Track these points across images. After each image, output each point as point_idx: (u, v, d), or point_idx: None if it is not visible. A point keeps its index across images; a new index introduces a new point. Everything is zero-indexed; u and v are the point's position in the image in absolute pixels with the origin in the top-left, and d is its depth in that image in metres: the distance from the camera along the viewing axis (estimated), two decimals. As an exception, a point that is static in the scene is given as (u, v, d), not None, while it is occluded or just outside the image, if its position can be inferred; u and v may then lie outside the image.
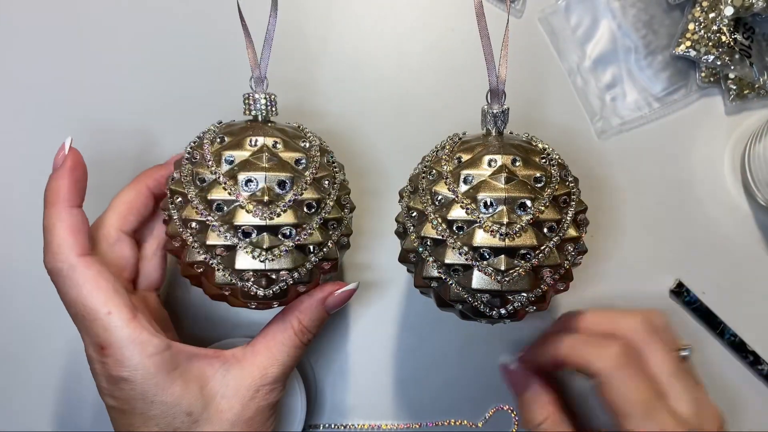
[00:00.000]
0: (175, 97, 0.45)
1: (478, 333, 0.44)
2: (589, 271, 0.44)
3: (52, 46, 0.45)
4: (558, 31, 0.45)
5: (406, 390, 0.44)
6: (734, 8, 0.42)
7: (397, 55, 0.45)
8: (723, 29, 0.42)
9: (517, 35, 0.44)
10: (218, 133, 0.34)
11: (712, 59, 0.43)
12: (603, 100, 0.45)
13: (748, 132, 0.44)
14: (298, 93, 0.44)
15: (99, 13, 0.45)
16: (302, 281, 0.33)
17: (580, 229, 0.33)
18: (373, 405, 0.44)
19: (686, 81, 0.44)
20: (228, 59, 0.44)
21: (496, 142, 0.33)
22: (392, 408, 0.44)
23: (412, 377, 0.44)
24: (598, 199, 0.44)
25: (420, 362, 0.44)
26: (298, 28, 0.44)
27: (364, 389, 0.44)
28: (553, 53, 0.45)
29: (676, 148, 0.45)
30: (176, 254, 0.34)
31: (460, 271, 0.32)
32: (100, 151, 0.44)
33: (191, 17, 0.45)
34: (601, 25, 0.45)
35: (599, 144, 0.45)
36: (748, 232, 0.44)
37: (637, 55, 0.45)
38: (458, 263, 0.32)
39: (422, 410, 0.44)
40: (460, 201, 0.32)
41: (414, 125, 0.44)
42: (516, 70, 0.43)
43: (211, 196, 0.32)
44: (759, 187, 0.42)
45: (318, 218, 0.33)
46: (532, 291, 0.32)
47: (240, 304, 0.34)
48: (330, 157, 0.35)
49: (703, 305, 0.44)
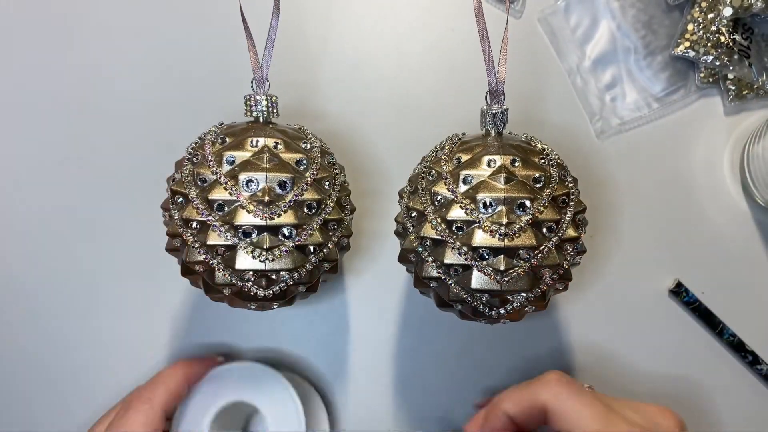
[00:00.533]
0: (176, 98, 0.45)
1: (477, 333, 0.44)
2: (589, 271, 0.44)
3: (52, 46, 0.45)
4: (557, 31, 0.45)
5: (406, 390, 0.44)
6: (733, 9, 0.42)
7: (397, 55, 0.45)
8: (722, 30, 0.42)
9: (516, 36, 0.44)
10: (219, 134, 0.34)
11: (711, 60, 0.43)
12: (602, 101, 0.45)
13: (747, 132, 0.44)
14: (298, 93, 0.44)
15: (100, 14, 0.45)
16: (302, 282, 0.33)
17: (579, 229, 0.34)
18: (372, 406, 0.44)
19: (685, 81, 0.45)
20: (229, 61, 0.44)
21: (495, 142, 0.33)
22: (391, 409, 0.44)
23: (411, 377, 0.44)
24: (598, 199, 0.44)
25: (420, 362, 0.44)
26: (299, 29, 0.45)
27: (363, 390, 0.44)
28: (552, 53, 0.45)
29: (675, 148, 0.45)
30: (176, 254, 0.34)
31: (460, 271, 0.32)
32: (101, 154, 0.44)
33: (193, 19, 0.45)
34: (600, 26, 0.45)
35: (598, 144, 0.45)
36: (747, 232, 0.44)
37: (637, 55, 0.45)
38: (458, 263, 0.32)
39: (421, 412, 0.44)
40: (459, 201, 0.32)
41: (414, 125, 0.45)
42: (515, 70, 0.43)
43: (212, 196, 0.32)
44: (758, 187, 0.43)
45: (318, 219, 0.33)
46: (532, 291, 0.32)
47: (240, 305, 0.34)
48: (331, 158, 0.35)
49: (702, 305, 0.44)
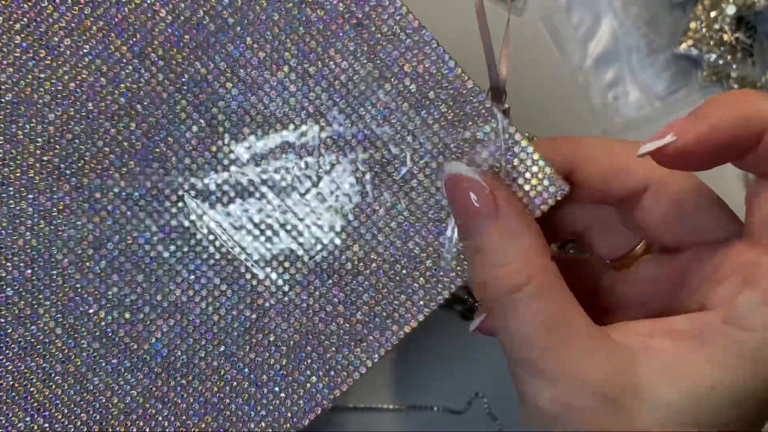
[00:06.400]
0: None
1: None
2: (591, 271, 0.44)
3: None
4: (559, 29, 0.45)
5: (406, 390, 0.44)
6: (736, 7, 0.42)
7: (397, 54, 0.45)
8: (725, 28, 0.42)
9: (518, 34, 0.44)
10: None
11: (714, 58, 0.42)
12: (605, 100, 0.44)
13: (750, 131, 0.44)
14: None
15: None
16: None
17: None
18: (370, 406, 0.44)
19: (688, 80, 0.44)
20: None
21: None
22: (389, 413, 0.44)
23: (411, 377, 0.44)
24: (600, 198, 0.44)
25: (420, 362, 0.44)
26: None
27: (362, 389, 0.44)
28: (554, 52, 0.45)
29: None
30: None
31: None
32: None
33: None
34: (602, 24, 0.45)
35: (601, 143, 0.44)
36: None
37: (639, 54, 0.44)
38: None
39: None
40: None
41: (414, 124, 0.44)
42: (517, 68, 0.42)
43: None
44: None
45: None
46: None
47: None
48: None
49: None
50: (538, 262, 0.22)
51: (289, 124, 0.26)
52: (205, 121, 0.26)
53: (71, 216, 0.26)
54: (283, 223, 0.26)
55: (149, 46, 0.26)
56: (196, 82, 0.26)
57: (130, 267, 0.26)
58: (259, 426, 0.27)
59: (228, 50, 0.26)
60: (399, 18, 0.25)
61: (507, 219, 0.23)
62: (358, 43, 0.25)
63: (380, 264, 0.26)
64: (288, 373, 0.27)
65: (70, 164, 0.26)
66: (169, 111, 0.26)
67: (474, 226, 0.23)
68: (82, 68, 0.26)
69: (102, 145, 0.26)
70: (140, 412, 0.26)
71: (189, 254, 0.26)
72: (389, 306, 0.26)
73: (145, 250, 0.26)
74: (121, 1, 0.26)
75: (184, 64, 0.26)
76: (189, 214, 0.26)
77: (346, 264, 0.26)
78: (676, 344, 0.22)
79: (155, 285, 0.26)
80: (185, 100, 0.26)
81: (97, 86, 0.26)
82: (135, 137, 0.26)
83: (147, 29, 0.26)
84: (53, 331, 0.26)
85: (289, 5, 0.25)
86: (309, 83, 0.26)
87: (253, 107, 0.26)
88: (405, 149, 0.26)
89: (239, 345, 0.27)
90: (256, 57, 0.26)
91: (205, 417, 0.27)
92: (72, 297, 0.26)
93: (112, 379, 0.26)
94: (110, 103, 0.26)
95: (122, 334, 0.26)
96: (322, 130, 0.26)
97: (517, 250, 0.22)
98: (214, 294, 0.27)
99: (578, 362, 0.22)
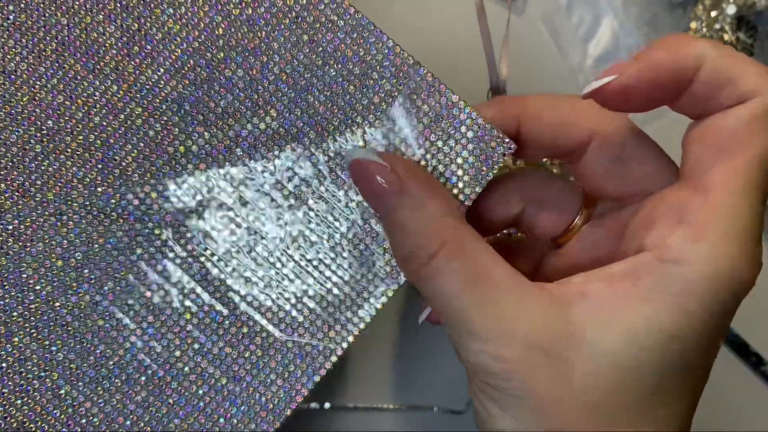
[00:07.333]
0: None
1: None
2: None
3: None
4: (560, 29, 0.45)
5: (405, 390, 0.44)
6: (737, 7, 0.42)
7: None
8: (725, 28, 0.42)
9: (518, 33, 0.44)
10: None
11: (714, 58, 0.42)
12: (605, 99, 0.44)
13: (751, 131, 0.44)
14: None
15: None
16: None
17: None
18: (370, 405, 0.44)
19: (689, 80, 0.44)
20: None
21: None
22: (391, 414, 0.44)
23: (410, 378, 0.44)
24: (600, 198, 0.44)
25: (419, 362, 0.44)
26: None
27: (361, 389, 0.44)
28: (554, 52, 0.45)
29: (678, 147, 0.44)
30: None
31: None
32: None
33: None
34: (602, 24, 0.45)
35: (601, 143, 0.44)
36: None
37: (639, 53, 0.44)
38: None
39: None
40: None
41: (414, 124, 0.44)
42: (517, 68, 0.42)
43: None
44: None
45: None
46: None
47: None
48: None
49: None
50: (449, 224, 0.22)
51: (241, 118, 0.27)
52: (160, 124, 0.27)
53: (38, 231, 0.27)
54: (246, 216, 0.27)
55: (101, 60, 0.27)
56: (148, 89, 0.27)
57: (99, 274, 0.27)
58: (242, 422, 0.27)
59: (176, 55, 0.27)
60: (335, 6, 0.26)
61: (411, 191, 0.23)
62: (298, 35, 0.26)
63: (345, 245, 0.27)
64: (265, 364, 0.27)
65: (34, 181, 0.27)
66: (125, 119, 0.27)
67: (383, 205, 0.24)
68: (39, 88, 0.27)
69: (64, 159, 0.27)
70: (121, 420, 0.27)
71: (156, 255, 0.27)
72: (358, 285, 0.27)
73: (113, 256, 0.27)
74: (72, 23, 0.27)
75: (135, 73, 0.27)
76: (153, 215, 0.27)
77: (311, 249, 0.27)
78: (610, 286, 0.21)
79: (126, 290, 0.27)
80: (140, 107, 0.27)
81: (54, 104, 0.27)
82: (95, 148, 0.27)
83: (99, 45, 0.27)
84: (28, 347, 0.27)
85: (229, 7, 0.27)
86: (256, 77, 0.27)
87: (204, 105, 0.27)
88: (356, 130, 0.27)
89: (213, 341, 0.27)
90: (203, 59, 0.27)
91: (187, 418, 0.27)
92: (45, 311, 0.27)
93: (90, 389, 0.27)
94: (68, 119, 0.27)
95: (96, 342, 0.27)
96: (273, 120, 0.27)
97: (427, 218, 0.23)
98: (184, 292, 0.27)
99: (506, 314, 0.21)
